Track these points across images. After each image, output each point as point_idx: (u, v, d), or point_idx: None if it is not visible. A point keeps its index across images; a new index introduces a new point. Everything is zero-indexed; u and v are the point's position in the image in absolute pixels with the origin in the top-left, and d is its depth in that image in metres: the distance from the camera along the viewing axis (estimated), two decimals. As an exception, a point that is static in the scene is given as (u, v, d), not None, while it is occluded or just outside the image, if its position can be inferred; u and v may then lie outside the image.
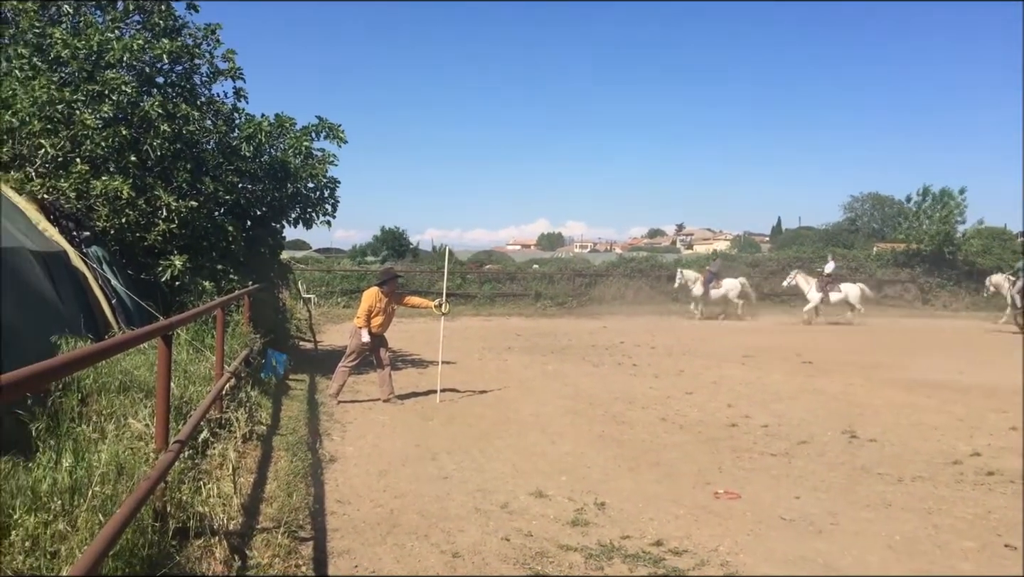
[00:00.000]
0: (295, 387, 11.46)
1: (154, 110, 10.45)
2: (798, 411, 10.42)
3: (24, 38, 10.66)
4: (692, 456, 8.04)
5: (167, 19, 11.78)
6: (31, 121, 9.73)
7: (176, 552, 4.42)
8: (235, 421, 7.51)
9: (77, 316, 7.62)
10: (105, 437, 5.02)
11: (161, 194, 10.40)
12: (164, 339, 4.69)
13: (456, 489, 6.77)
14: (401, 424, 9.42)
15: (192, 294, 10.67)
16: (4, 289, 6.15)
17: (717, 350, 17.44)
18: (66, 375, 4.98)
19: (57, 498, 4.02)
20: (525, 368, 14.32)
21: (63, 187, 9.68)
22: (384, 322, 10.81)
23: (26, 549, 3.72)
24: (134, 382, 6.23)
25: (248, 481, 6.40)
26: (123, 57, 10.62)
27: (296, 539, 5.32)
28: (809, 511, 6.31)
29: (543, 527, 5.85)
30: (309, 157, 13.46)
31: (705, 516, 6.15)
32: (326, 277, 30.96)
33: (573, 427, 9.33)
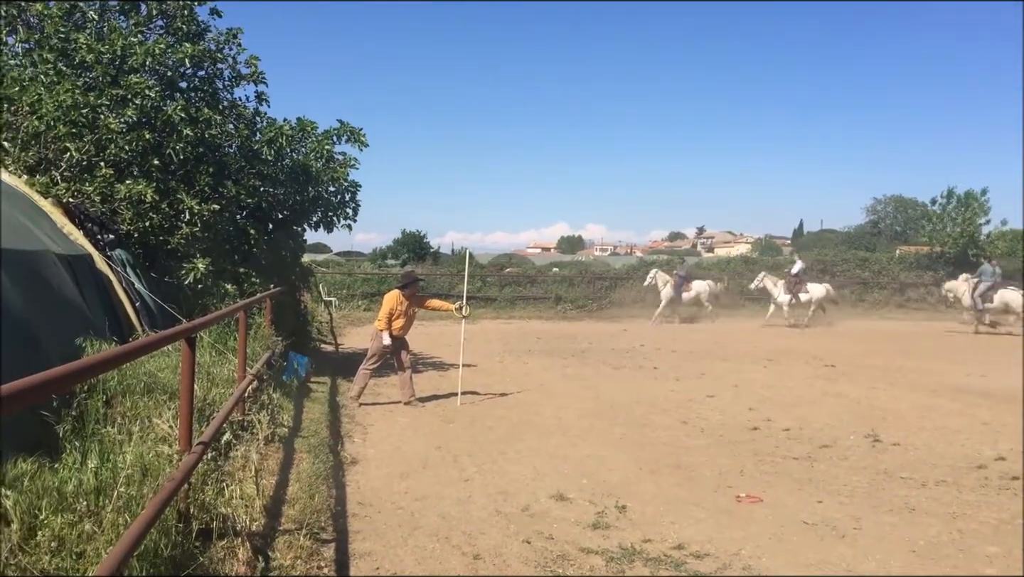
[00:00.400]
0: (316, 389, 11.51)
1: (177, 114, 10.53)
2: (820, 415, 10.35)
3: (49, 43, 10.76)
4: (713, 459, 8.00)
5: (190, 24, 11.87)
6: (56, 125, 9.81)
7: (200, 553, 4.45)
8: (257, 423, 7.55)
9: (102, 319, 7.69)
10: (130, 438, 5.06)
11: (184, 198, 10.47)
12: (188, 341, 4.72)
13: (477, 492, 6.78)
14: (422, 426, 9.44)
15: (215, 297, 10.73)
16: (29, 291, 6.21)
17: (738, 353, 17.36)
18: (93, 377, 5.02)
19: (83, 499, 4.05)
20: (545, 371, 14.31)
21: (88, 191, 9.76)
22: (405, 325, 10.84)
23: (52, 549, 3.75)
24: (158, 384, 6.27)
25: (270, 483, 6.44)
26: (146, 61, 10.70)
27: (318, 541, 5.34)
28: (832, 515, 6.27)
29: (564, 530, 5.85)
30: (330, 161, 13.53)
31: (727, 520, 6.12)
32: (347, 280, 31.06)
33: (594, 430, 9.32)
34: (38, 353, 5.66)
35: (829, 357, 16.47)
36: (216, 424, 5.55)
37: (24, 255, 6.57)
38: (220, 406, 6.54)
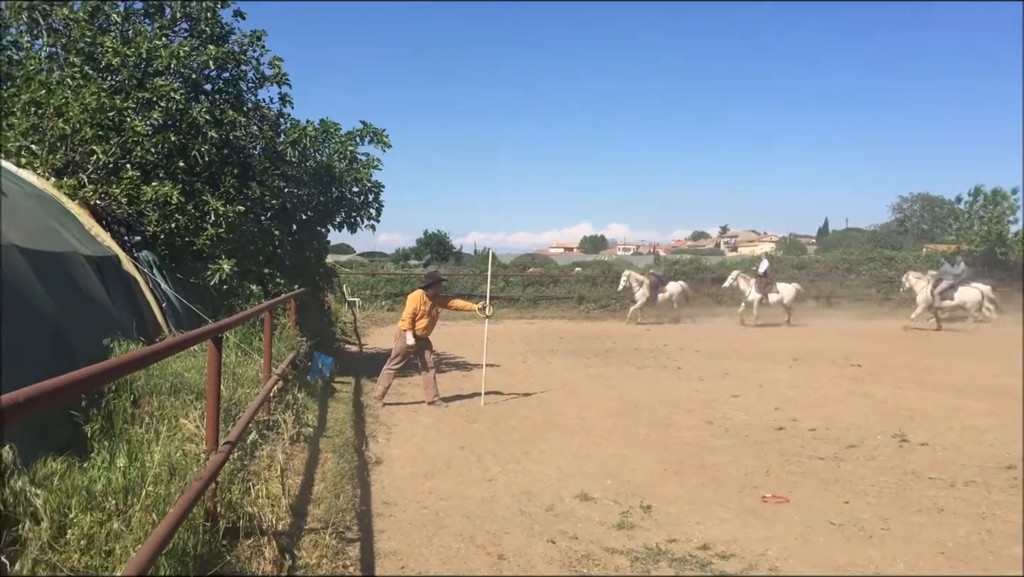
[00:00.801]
0: (341, 389, 11.55)
1: (202, 116, 10.61)
2: (847, 414, 10.27)
3: (75, 47, 10.87)
4: (739, 460, 7.96)
5: (213, 26, 11.94)
6: (83, 128, 9.91)
7: (227, 552, 4.48)
8: (283, 423, 7.59)
9: (129, 319, 7.75)
10: (157, 438, 5.09)
11: (209, 199, 10.55)
12: (214, 341, 4.75)
13: (501, 491, 6.78)
14: (446, 426, 9.46)
15: (240, 297, 10.81)
16: (58, 292, 6.27)
17: (763, 353, 17.26)
18: (122, 376, 5.07)
19: (111, 498, 4.08)
20: (569, 371, 14.29)
21: (115, 193, 9.86)
22: (429, 325, 10.86)
23: (82, 548, 3.78)
24: (184, 384, 6.31)
25: (296, 482, 6.47)
26: (171, 64, 10.79)
27: (343, 540, 5.36)
28: (859, 516, 6.22)
29: (588, 530, 5.84)
30: (354, 161, 13.60)
31: (753, 520, 6.09)
32: (370, 281, 31.16)
33: (618, 430, 9.29)
34: (67, 353, 5.72)
35: (855, 357, 16.33)
36: (242, 424, 5.58)
37: (53, 256, 6.64)
38: (246, 406, 6.58)
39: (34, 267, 5.99)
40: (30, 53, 11.28)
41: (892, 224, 73.35)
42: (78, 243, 7.67)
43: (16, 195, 7.29)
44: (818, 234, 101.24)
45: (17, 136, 9.84)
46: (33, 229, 6.83)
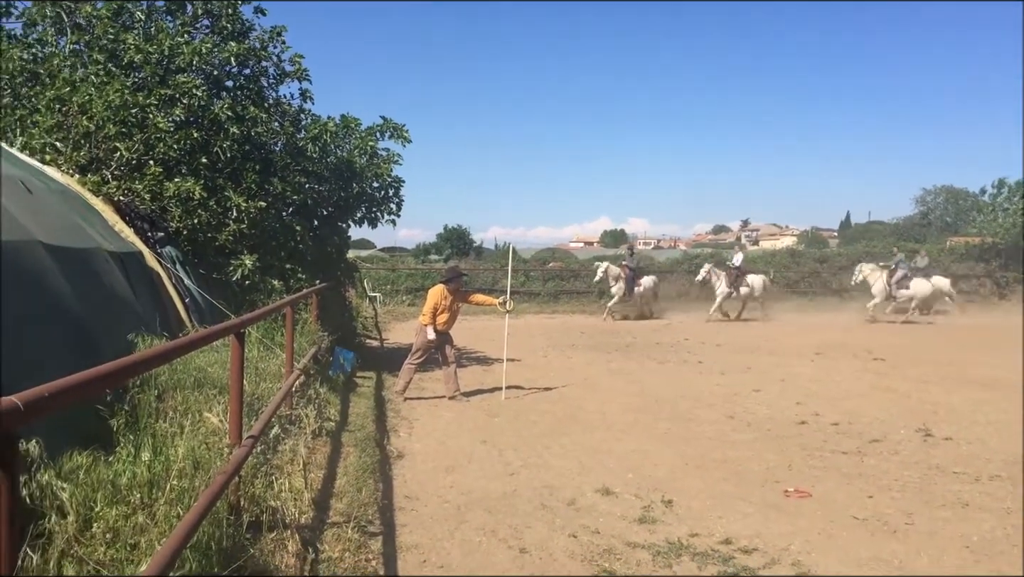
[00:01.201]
0: (362, 384, 11.59)
1: (224, 112, 10.66)
2: (870, 409, 10.20)
3: (99, 44, 10.95)
4: (760, 454, 7.93)
5: (234, 23, 12.00)
6: (106, 125, 9.99)
7: (250, 545, 4.51)
8: (305, 417, 7.63)
9: (153, 314, 7.81)
10: (181, 432, 5.12)
11: (231, 195, 10.61)
12: (237, 336, 4.78)
13: (523, 486, 6.79)
14: (467, 421, 9.47)
15: (262, 293, 10.87)
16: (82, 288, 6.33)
17: (785, 347, 17.16)
18: (148, 370, 5.11)
19: (136, 491, 4.11)
20: (589, 365, 14.28)
21: (138, 189, 9.92)
22: (449, 320, 10.88)
23: (107, 541, 3.81)
24: (208, 379, 6.35)
25: (318, 476, 6.50)
26: (193, 61, 10.85)
27: (366, 533, 5.38)
28: (883, 511, 6.18)
29: (610, 524, 5.84)
30: (374, 157, 13.63)
31: (775, 514, 6.06)
32: (391, 276, 31.23)
33: (639, 424, 9.28)
34: (92, 348, 5.76)
35: (878, 351, 16.21)
36: (265, 418, 5.62)
37: (78, 252, 6.70)
38: (268, 400, 6.62)
39: (59, 263, 6.04)
40: (55, 50, 11.36)
41: (915, 217, 72.61)
42: (102, 239, 7.73)
43: (41, 192, 7.35)
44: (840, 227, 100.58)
45: (42, 133, 9.92)
46: (58, 225, 6.89)
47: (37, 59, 11.31)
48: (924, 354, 15.94)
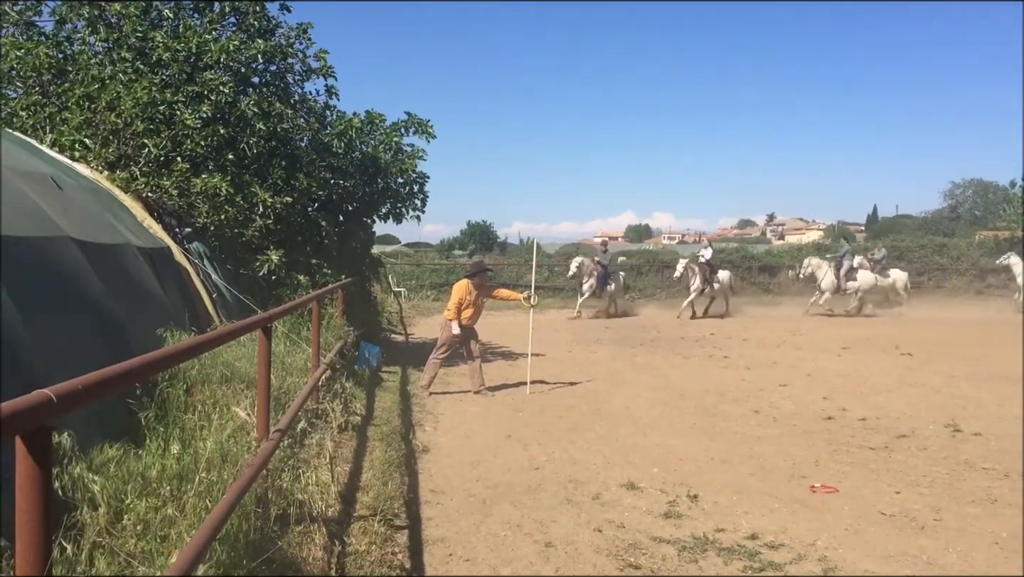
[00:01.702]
0: (388, 379, 11.65)
1: (250, 109, 10.74)
2: (898, 404, 10.12)
3: (127, 42, 11.05)
4: (787, 449, 7.89)
5: (261, 20, 12.07)
6: (135, 122, 10.08)
7: (278, 537, 4.55)
8: (331, 412, 7.69)
9: (181, 309, 7.88)
10: (209, 426, 5.18)
11: (258, 191, 10.68)
12: (265, 331, 4.83)
13: (548, 480, 6.80)
14: (492, 415, 9.50)
15: (288, 288, 10.95)
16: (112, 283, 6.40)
17: (812, 341, 17.05)
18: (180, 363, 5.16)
19: (166, 484, 4.16)
20: (614, 360, 14.26)
21: (166, 185, 10.02)
22: (474, 315, 10.91)
23: (138, 532, 3.86)
24: (235, 373, 6.40)
25: (344, 470, 6.55)
26: (220, 58, 10.92)
27: (392, 527, 5.43)
28: (910, 506, 6.13)
29: (636, 519, 5.83)
30: (399, 153, 13.69)
31: (801, 510, 6.03)
32: (415, 271, 31.37)
33: (664, 419, 9.26)
34: (122, 343, 5.83)
35: (906, 345, 16.06)
36: (292, 412, 5.66)
37: (108, 248, 6.78)
38: (295, 394, 6.67)
39: (90, 259, 6.11)
40: (85, 48, 11.48)
41: (944, 210, 71.87)
42: (131, 235, 7.81)
43: (71, 188, 7.44)
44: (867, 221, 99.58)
45: (71, 130, 10.03)
46: (88, 222, 6.96)
47: (66, 56, 11.42)
48: (952, 348, 15.77)
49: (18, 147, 7.78)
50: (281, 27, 12.30)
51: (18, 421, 1.93)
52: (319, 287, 10.82)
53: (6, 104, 10.93)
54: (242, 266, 10.91)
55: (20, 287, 4.83)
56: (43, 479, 2.03)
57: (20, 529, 2.04)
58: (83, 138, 10.11)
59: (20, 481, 2.02)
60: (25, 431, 1.98)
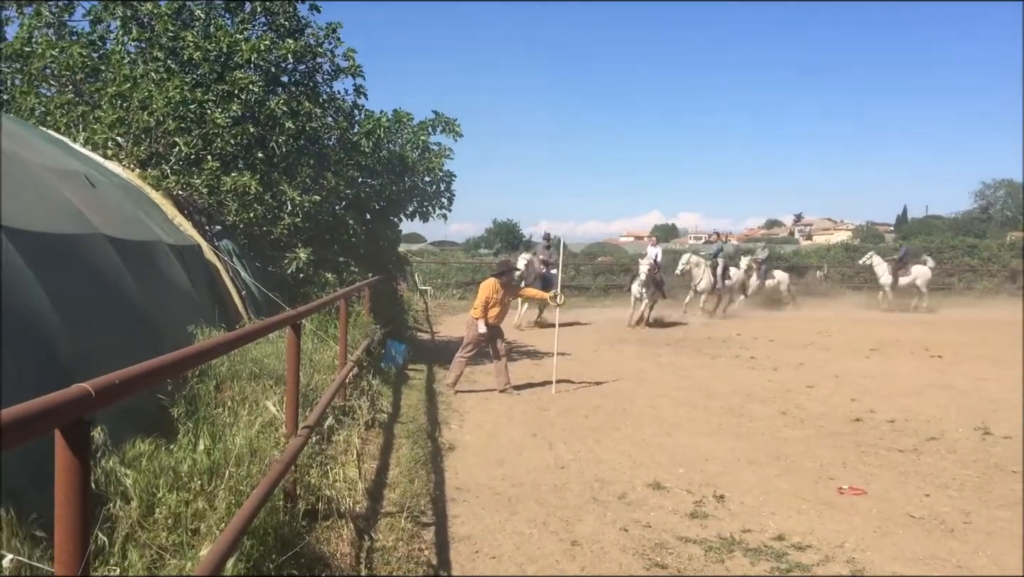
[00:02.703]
0: (414, 377, 11.70)
1: (279, 108, 10.82)
2: (927, 406, 10.03)
3: (159, 42, 11.18)
4: (814, 451, 7.84)
5: (291, 20, 12.16)
6: (166, 120, 10.19)
7: (306, 532, 4.59)
8: (358, 409, 7.74)
9: (210, 306, 7.97)
10: (239, 421, 5.23)
11: (286, 189, 10.77)
12: (294, 328, 4.87)
13: (573, 479, 6.81)
14: (517, 414, 9.51)
15: (315, 285, 11.04)
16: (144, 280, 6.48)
17: (840, 343, 16.91)
18: (213, 359, 5.24)
19: (197, 478, 4.21)
20: (640, 359, 14.22)
21: (196, 183, 10.12)
22: (500, 313, 10.94)
23: (169, 526, 3.91)
24: (264, 370, 6.46)
25: (371, 467, 6.59)
26: (251, 58, 11.01)
27: (418, 524, 5.46)
28: (940, 509, 6.08)
29: (661, 518, 5.83)
30: (426, 151, 13.74)
31: (829, 512, 6.00)
32: (441, 269, 31.46)
33: (690, 419, 9.23)
34: (154, 338, 5.90)
35: (936, 347, 15.89)
36: (320, 409, 5.71)
37: (139, 245, 6.87)
38: (322, 391, 6.73)
39: (122, 256, 6.20)
40: (118, 47, 11.62)
41: (975, 211, 71.07)
42: (162, 232, 7.91)
43: (104, 186, 7.54)
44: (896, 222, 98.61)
45: (104, 129, 10.16)
46: (120, 219, 7.06)
47: (100, 56, 11.57)
48: (982, 351, 15.58)
49: (52, 145, 7.90)
50: (310, 27, 12.39)
51: (57, 414, 1.97)
52: (346, 285, 10.89)
53: (40, 103, 11.09)
54: (270, 264, 11.01)
55: (55, 283, 4.91)
56: (81, 472, 2.07)
57: (59, 521, 2.08)
58: (115, 136, 10.24)
59: (59, 474, 2.06)
60: (64, 424, 2.02)
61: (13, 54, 11.28)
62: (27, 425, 1.82)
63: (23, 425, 1.81)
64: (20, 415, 1.81)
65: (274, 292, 9.75)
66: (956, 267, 32.20)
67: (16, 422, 1.78)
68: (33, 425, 1.85)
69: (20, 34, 11.46)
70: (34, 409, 1.86)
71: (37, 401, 1.91)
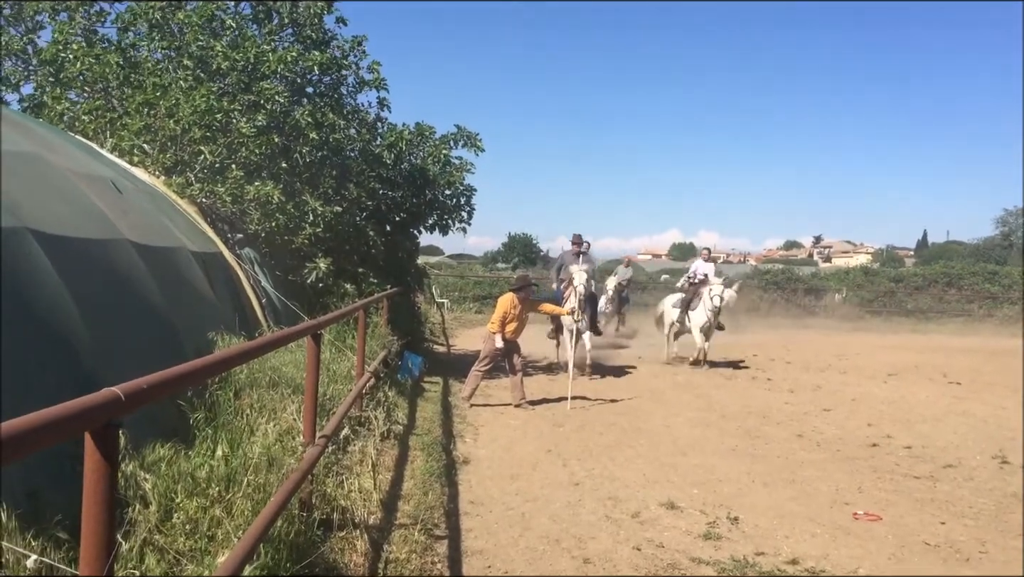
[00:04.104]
0: (429, 389, 11.72)
1: (304, 119, 10.91)
2: (944, 433, 9.95)
3: (188, 51, 11.30)
4: (830, 475, 7.80)
5: (318, 32, 12.28)
6: (192, 129, 10.30)
7: (321, 542, 4.62)
8: (374, 420, 7.76)
9: (231, 314, 8.03)
10: (256, 430, 5.27)
11: (308, 199, 10.85)
12: (314, 338, 4.91)
13: (587, 496, 6.80)
14: (532, 429, 9.51)
15: (334, 295, 11.11)
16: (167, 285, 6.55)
17: (857, 367, 16.82)
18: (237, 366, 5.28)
19: (215, 485, 4.25)
20: (655, 378, 14.20)
21: (220, 192, 10.21)
22: (517, 328, 10.96)
23: (187, 531, 3.95)
24: (282, 378, 6.51)
25: (386, 478, 6.62)
26: (277, 68, 11.11)
27: (432, 537, 5.47)
28: (956, 538, 6.04)
29: (675, 539, 5.82)
30: (447, 165, 13.83)
31: (843, 537, 5.97)
32: (459, 283, 31.55)
33: (705, 439, 9.20)
34: (175, 344, 5.97)
35: (954, 374, 15.79)
36: (337, 419, 5.74)
37: (163, 251, 6.94)
38: (339, 401, 6.77)
39: (146, 261, 6.27)
40: (148, 56, 11.75)
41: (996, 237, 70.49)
42: (186, 239, 7.98)
43: (130, 192, 7.63)
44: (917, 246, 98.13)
45: (131, 136, 10.28)
46: (145, 225, 7.14)
47: (129, 63, 11.71)
48: (1002, 378, 15.45)
49: (80, 150, 8.00)
50: (337, 39, 12.51)
51: (88, 418, 2.01)
52: (365, 296, 10.95)
53: (70, 108, 11.23)
54: (290, 273, 11.08)
55: (80, 287, 4.98)
56: (109, 475, 2.11)
57: (86, 522, 2.12)
58: (142, 143, 10.35)
59: (88, 476, 2.10)
60: (94, 428, 2.06)
61: (47, 60, 11.43)
62: (59, 427, 1.86)
63: (55, 427, 1.85)
64: (53, 417, 1.85)
65: (293, 301, 9.82)
66: (976, 294, 31.97)
67: (49, 424, 1.82)
68: (65, 427, 1.90)
69: (54, 40, 11.61)
70: (66, 412, 1.90)
71: (69, 404, 1.95)
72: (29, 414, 1.79)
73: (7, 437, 1.65)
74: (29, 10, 12.34)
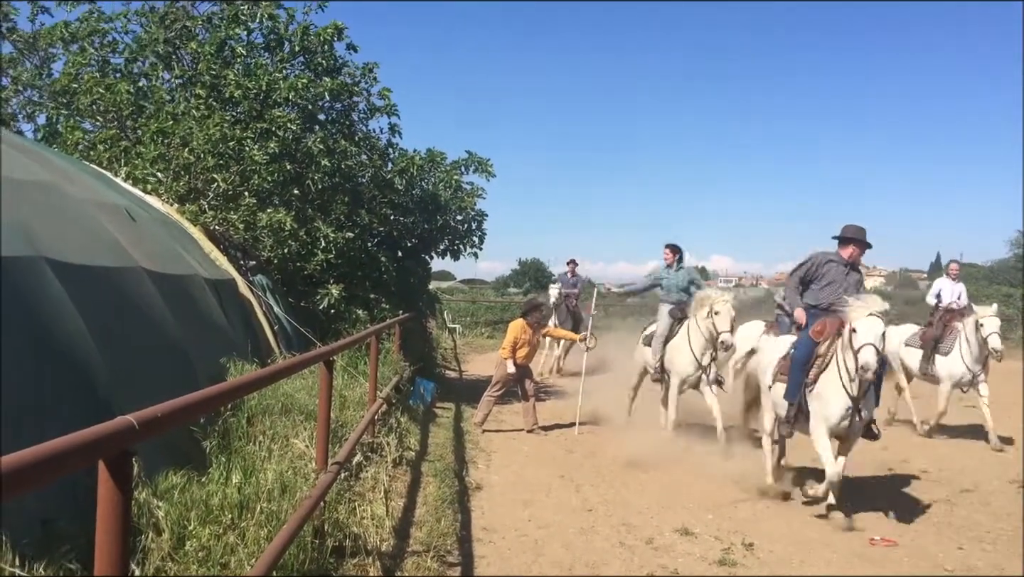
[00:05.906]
0: (442, 415, 11.69)
1: (316, 146, 10.99)
2: (961, 457, 9.87)
3: (201, 79, 11.42)
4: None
5: (329, 59, 12.38)
6: (205, 157, 10.38)
7: (333, 569, 4.60)
8: (386, 446, 7.74)
9: (244, 341, 8.05)
10: (270, 456, 5.28)
11: (320, 226, 10.90)
12: (326, 364, 4.93)
13: (600, 522, 6.76)
14: (544, 454, 9.47)
15: (347, 321, 11.12)
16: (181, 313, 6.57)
17: (871, 390, 16.64)
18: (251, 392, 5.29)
19: (228, 512, 4.25)
20: (669, 403, 14.07)
21: (232, 219, 10.27)
22: (529, 353, 10.95)
23: (199, 559, 3.95)
24: (295, 405, 6.52)
25: (399, 505, 6.59)
26: (289, 96, 11.21)
27: (445, 564, 5.44)
28: (973, 563, 5.98)
29: (689, 565, 5.77)
30: (458, 190, 13.90)
31: (860, 562, 5.92)
32: (470, 308, 31.51)
33: (718, 465, 9.13)
34: (189, 371, 5.99)
35: (971, 397, 15.60)
36: (350, 445, 5.74)
37: (177, 279, 6.98)
38: (351, 427, 6.76)
39: (160, 289, 6.30)
40: (160, 84, 11.88)
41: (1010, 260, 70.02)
42: (199, 266, 8.03)
43: (144, 220, 7.69)
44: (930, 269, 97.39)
45: (145, 164, 10.37)
46: (159, 252, 7.19)
47: (142, 92, 11.83)
48: (1018, 401, 15.27)
49: (95, 179, 8.08)
50: (347, 66, 12.61)
51: (103, 446, 2.02)
52: (377, 321, 10.96)
53: (84, 137, 11.35)
54: (303, 299, 11.11)
55: (95, 315, 5.01)
56: (123, 503, 2.12)
57: (99, 550, 2.12)
58: (156, 172, 10.44)
59: (101, 505, 2.10)
60: (109, 456, 2.07)
61: (61, 90, 11.57)
62: (74, 456, 1.87)
63: (70, 456, 1.86)
64: (67, 446, 1.86)
65: (306, 327, 9.83)
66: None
67: (63, 453, 1.83)
68: (80, 456, 1.90)
69: (66, 71, 11.75)
70: (81, 440, 1.91)
71: (83, 433, 1.96)
72: (44, 443, 1.80)
73: (24, 466, 1.66)
74: (43, 42, 12.50)
